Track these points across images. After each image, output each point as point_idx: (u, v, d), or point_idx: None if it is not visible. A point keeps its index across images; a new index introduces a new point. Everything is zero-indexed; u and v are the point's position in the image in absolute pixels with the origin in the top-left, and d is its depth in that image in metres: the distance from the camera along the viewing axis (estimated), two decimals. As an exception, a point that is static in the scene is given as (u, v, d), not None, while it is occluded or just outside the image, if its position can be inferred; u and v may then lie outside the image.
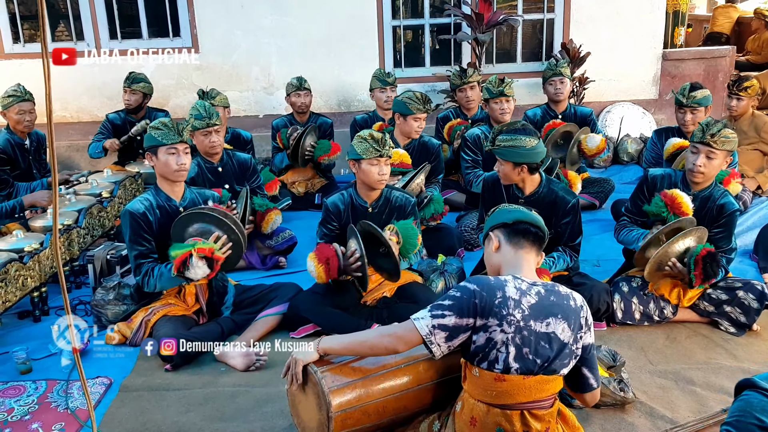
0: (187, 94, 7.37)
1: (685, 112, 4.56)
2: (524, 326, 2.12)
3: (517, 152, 3.47)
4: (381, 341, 2.25)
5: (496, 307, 2.12)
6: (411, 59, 7.70)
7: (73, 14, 7.24)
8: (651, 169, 3.88)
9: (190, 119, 4.35)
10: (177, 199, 3.61)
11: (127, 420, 2.91)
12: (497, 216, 2.44)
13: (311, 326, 3.59)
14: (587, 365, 2.28)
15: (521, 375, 2.14)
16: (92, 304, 3.82)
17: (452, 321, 2.14)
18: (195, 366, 3.31)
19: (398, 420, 2.42)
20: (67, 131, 7.17)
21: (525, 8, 7.52)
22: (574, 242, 3.73)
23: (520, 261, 2.31)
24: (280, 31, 7.27)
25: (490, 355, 2.13)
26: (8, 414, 2.97)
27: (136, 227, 3.46)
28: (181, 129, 3.53)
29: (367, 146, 3.60)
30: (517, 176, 3.58)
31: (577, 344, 2.21)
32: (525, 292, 2.17)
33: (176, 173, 3.54)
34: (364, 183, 3.73)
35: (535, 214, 2.44)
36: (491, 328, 2.12)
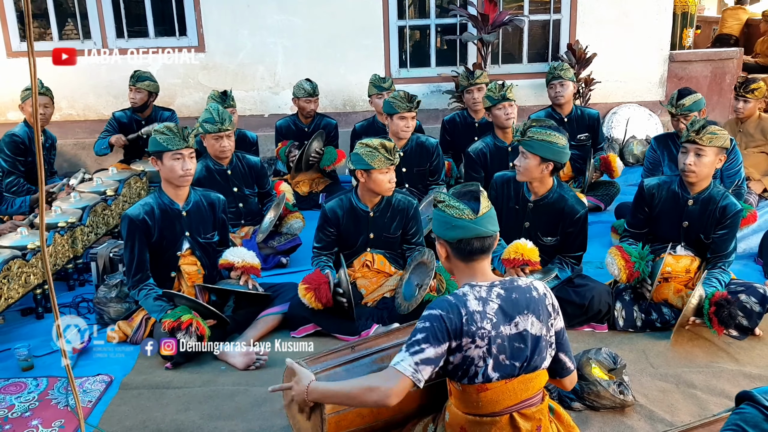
0: (193, 93, 7.40)
1: (678, 120, 4.54)
2: (496, 335, 2.08)
3: (548, 147, 3.45)
4: (370, 396, 2.10)
5: (465, 325, 2.06)
6: (416, 59, 7.69)
7: (81, 13, 7.27)
8: (646, 180, 3.82)
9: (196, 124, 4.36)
10: (180, 202, 3.62)
11: (127, 417, 2.92)
12: (441, 227, 2.20)
13: (311, 326, 3.59)
14: (562, 350, 2.24)
15: (503, 380, 2.11)
16: (95, 302, 3.84)
17: (432, 352, 2.06)
18: (195, 364, 3.32)
19: (392, 422, 2.41)
20: (73, 129, 7.20)
21: (531, 9, 7.50)
22: (576, 254, 3.72)
23: (473, 271, 2.19)
24: (286, 31, 7.28)
25: (470, 371, 2.09)
26: (9, 411, 2.98)
27: (133, 233, 3.48)
28: (186, 134, 3.52)
29: (378, 156, 3.55)
30: (539, 173, 3.54)
31: (550, 332, 2.18)
32: (486, 299, 2.10)
33: (181, 178, 3.54)
34: (371, 190, 3.70)
35: (480, 222, 2.16)
36: (465, 347, 2.07)
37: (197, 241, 3.69)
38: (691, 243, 3.68)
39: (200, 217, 3.70)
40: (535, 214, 3.70)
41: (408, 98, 4.84)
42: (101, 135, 5.87)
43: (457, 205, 2.18)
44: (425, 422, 2.38)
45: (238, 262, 3.63)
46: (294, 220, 4.71)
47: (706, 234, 3.59)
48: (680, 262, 3.66)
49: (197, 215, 3.68)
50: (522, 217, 3.73)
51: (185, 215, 3.62)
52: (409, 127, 4.89)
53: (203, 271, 3.72)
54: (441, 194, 2.25)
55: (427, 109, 7.46)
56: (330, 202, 3.85)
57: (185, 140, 3.50)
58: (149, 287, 3.51)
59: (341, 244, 3.87)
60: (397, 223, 3.83)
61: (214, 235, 3.78)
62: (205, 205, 3.73)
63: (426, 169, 5.09)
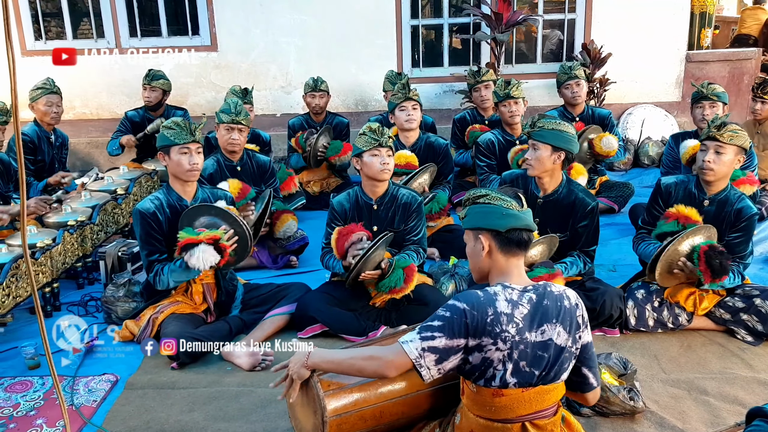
0: (206, 92, 7.41)
1: (704, 106, 4.47)
2: (520, 340, 2.03)
3: (559, 135, 3.44)
4: (369, 365, 2.13)
5: (489, 326, 2.01)
6: (429, 59, 7.65)
7: (95, 12, 7.31)
8: (663, 177, 3.78)
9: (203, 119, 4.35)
10: (188, 198, 3.61)
11: (131, 417, 2.91)
12: (487, 217, 2.19)
13: (318, 326, 3.56)
14: (587, 365, 2.19)
15: (520, 388, 2.06)
16: (103, 301, 3.83)
17: (443, 343, 2.02)
18: (201, 365, 3.31)
19: (396, 426, 2.38)
20: (86, 128, 7.24)
21: (546, 8, 7.44)
22: (589, 248, 3.66)
23: (510, 268, 2.18)
24: (299, 30, 7.27)
25: (487, 373, 2.05)
26: (14, 409, 2.98)
27: (146, 227, 3.48)
28: (193, 129, 3.53)
29: (366, 138, 3.62)
30: (551, 164, 3.51)
31: (576, 345, 2.13)
32: (516, 303, 2.06)
33: (188, 173, 3.54)
34: (368, 177, 3.70)
35: (527, 213, 2.22)
36: (486, 348, 2.02)
37: None
38: None
39: None
40: (544, 211, 3.65)
41: (403, 86, 4.81)
42: (113, 135, 5.90)
43: (505, 197, 2.20)
44: (431, 426, 2.34)
45: None
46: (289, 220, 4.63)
47: (720, 236, 3.52)
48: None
49: None
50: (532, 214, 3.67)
51: None
52: (411, 116, 4.82)
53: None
54: (479, 190, 2.25)
55: (440, 109, 7.42)
56: (338, 196, 3.85)
57: (192, 134, 3.51)
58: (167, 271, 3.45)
59: None
60: (399, 217, 3.80)
61: None
62: (213, 203, 3.71)
63: None
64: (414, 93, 4.87)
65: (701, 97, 4.51)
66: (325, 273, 4.05)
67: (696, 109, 4.56)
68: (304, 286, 3.83)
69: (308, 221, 5.21)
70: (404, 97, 4.79)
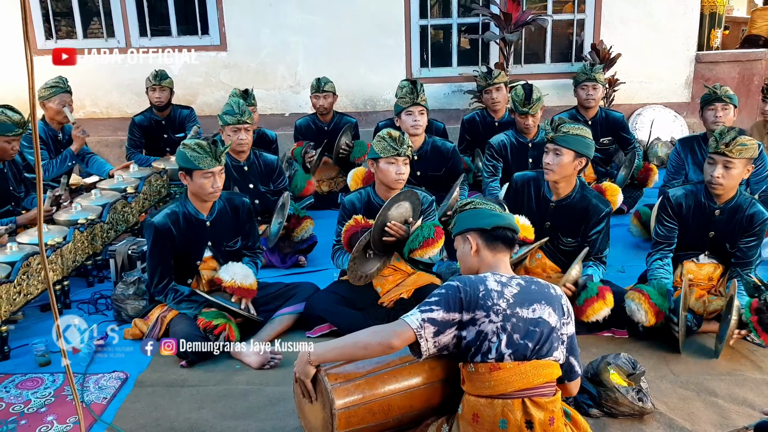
0: (215, 92, 7.44)
1: (716, 108, 4.44)
2: (511, 314, 2.19)
3: (582, 141, 3.43)
4: (375, 338, 2.22)
5: (481, 300, 2.18)
6: (438, 59, 7.65)
7: (105, 11, 7.34)
8: (671, 189, 3.70)
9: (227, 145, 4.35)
10: (205, 213, 3.61)
11: (141, 415, 2.93)
12: (473, 219, 2.42)
13: (327, 326, 3.57)
14: (573, 354, 2.34)
15: (516, 361, 2.18)
16: (113, 299, 3.86)
17: (440, 315, 2.18)
18: (210, 363, 3.32)
19: (405, 419, 2.38)
20: (96, 127, 7.26)
21: (555, 8, 7.43)
22: (602, 254, 3.64)
23: (497, 262, 2.38)
24: (307, 30, 7.28)
25: (483, 346, 2.18)
26: (25, 406, 3.01)
27: (158, 242, 3.49)
28: (219, 153, 3.45)
29: (384, 145, 3.59)
30: (571, 170, 3.49)
31: (563, 330, 2.28)
32: (506, 284, 2.25)
33: (210, 195, 3.53)
34: (382, 182, 3.70)
35: (510, 215, 2.48)
36: (479, 321, 2.17)
37: (220, 249, 3.70)
38: (715, 251, 3.60)
39: (224, 226, 3.69)
40: (556, 215, 3.64)
41: (410, 89, 4.65)
42: (129, 144, 6.00)
43: (489, 203, 2.46)
44: (439, 423, 2.35)
45: (226, 281, 3.53)
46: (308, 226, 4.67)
47: (732, 243, 3.51)
48: (703, 269, 3.60)
49: (221, 225, 3.67)
50: (543, 218, 3.66)
51: (209, 225, 3.62)
52: (418, 121, 4.68)
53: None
54: (463, 200, 2.51)
55: (448, 109, 7.42)
56: (349, 195, 3.85)
57: (217, 160, 3.44)
58: (175, 291, 3.53)
59: None
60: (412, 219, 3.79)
61: (237, 242, 3.78)
62: (229, 212, 3.72)
63: (441, 174, 4.93)
64: (422, 98, 4.73)
65: (713, 99, 4.47)
66: (334, 272, 4.06)
67: (707, 111, 4.53)
68: (313, 285, 3.84)
69: (317, 220, 5.19)
70: (412, 102, 4.65)
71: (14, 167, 4.53)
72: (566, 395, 2.41)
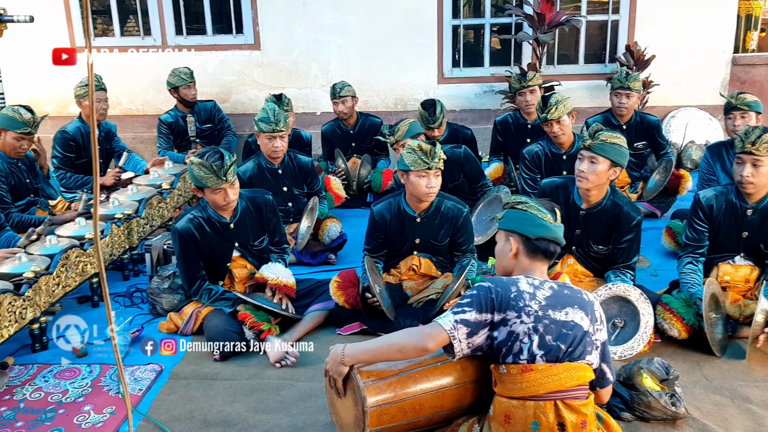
0: (248, 90, 7.51)
1: (735, 117, 4.39)
2: (543, 315, 2.19)
3: (619, 150, 3.41)
4: (409, 340, 2.25)
5: (513, 300, 2.19)
6: (470, 59, 7.64)
7: (142, 10, 7.46)
8: (701, 191, 3.65)
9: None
10: (228, 216, 3.66)
11: (175, 407, 2.98)
12: (521, 222, 2.38)
13: (357, 324, 3.59)
14: (605, 360, 2.33)
15: (548, 363, 2.18)
16: (148, 293, 3.93)
17: (473, 316, 2.19)
18: (243, 357, 3.37)
19: (435, 419, 2.39)
20: (132, 124, 7.39)
21: (589, 9, 7.37)
22: (631, 261, 3.60)
23: (533, 268, 2.37)
24: (340, 30, 7.32)
25: (514, 347, 2.18)
26: (63, 395, 3.08)
27: (184, 246, 3.56)
28: (224, 172, 3.42)
29: (415, 158, 3.53)
30: (606, 178, 3.46)
31: (596, 335, 2.27)
32: (538, 287, 2.25)
33: (224, 207, 3.58)
34: (412, 194, 3.68)
35: (559, 228, 2.41)
36: (510, 321, 2.18)
37: (247, 249, 3.76)
38: (750, 253, 3.56)
39: (248, 225, 3.75)
40: (587, 222, 3.61)
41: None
42: (159, 143, 6.17)
43: (541, 208, 2.40)
44: (470, 423, 2.36)
45: (271, 278, 3.63)
46: (331, 224, 4.70)
47: (766, 243, 3.46)
48: (739, 271, 3.55)
49: (245, 225, 3.73)
50: (572, 225, 3.62)
51: (233, 228, 3.67)
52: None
53: (254, 270, 3.78)
54: (520, 197, 2.46)
55: (479, 110, 7.41)
56: (379, 204, 3.84)
57: (223, 178, 3.43)
58: (209, 290, 3.60)
59: (387, 247, 3.86)
60: (444, 230, 3.79)
61: (264, 240, 3.82)
62: (252, 212, 3.77)
63: (461, 182, 4.86)
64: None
65: (731, 108, 4.43)
66: (363, 271, 4.09)
67: (727, 120, 4.50)
68: (344, 283, 3.86)
69: (347, 219, 5.25)
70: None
71: (27, 161, 4.68)
72: (597, 402, 2.39)
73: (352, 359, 2.32)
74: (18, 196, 4.54)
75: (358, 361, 2.33)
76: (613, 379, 2.39)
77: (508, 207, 2.46)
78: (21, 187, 4.58)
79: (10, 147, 4.44)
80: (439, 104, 5.05)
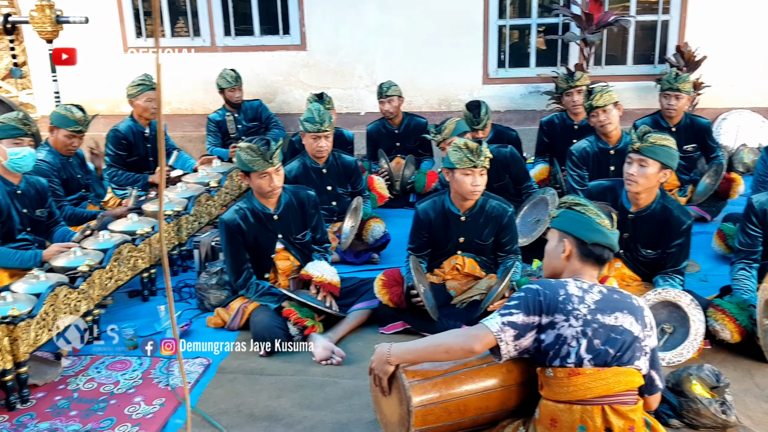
0: (294, 90, 7.60)
1: None
2: (592, 319, 2.16)
3: (668, 152, 3.35)
4: (456, 342, 2.24)
5: (561, 304, 2.17)
6: (515, 59, 7.58)
7: (192, 11, 7.61)
8: (755, 196, 3.56)
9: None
10: (272, 207, 3.73)
11: (222, 400, 3.04)
12: (577, 225, 2.35)
13: (400, 324, 3.61)
14: (654, 367, 2.29)
15: (596, 367, 2.15)
16: (196, 288, 4.01)
17: (520, 319, 2.18)
18: (287, 353, 3.41)
19: (480, 420, 2.39)
20: (181, 123, 7.54)
21: (638, 9, 7.24)
22: (680, 266, 3.53)
23: (583, 272, 2.34)
24: (386, 30, 7.35)
25: (561, 350, 2.16)
26: (114, 386, 3.17)
27: (231, 237, 3.63)
28: (270, 155, 3.52)
29: (461, 156, 3.55)
30: (656, 181, 3.40)
31: (645, 341, 2.23)
32: (587, 290, 2.22)
33: (268, 193, 3.65)
34: (457, 192, 3.69)
35: (615, 234, 2.37)
36: (558, 324, 2.17)
37: (290, 241, 3.81)
38: None
39: (292, 218, 3.80)
40: (635, 226, 3.55)
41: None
42: (208, 140, 6.33)
43: (599, 212, 2.36)
44: (515, 425, 2.36)
45: (316, 276, 3.69)
46: (375, 225, 4.72)
47: None
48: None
49: (288, 217, 3.79)
50: (620, 229, 3.55)
51: (277, 219, 3.73)
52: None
53: (297, 264, 3.83)
54: (579, 198, 2.43)
55: (524, 110, 7.35)
56: (423, 203, 3.85)
57: (269, 161, 3.53)
58: (256, 284, 3.66)
59: (432, 246, 3.87)
60: (489, 230, 3.78)
61: (306, 234, 3.87)
62: (295, 205, 3.82)
63: (506, 182, 4.85)
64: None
65: None
66: (406, 270, 4.10)
67: None
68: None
69: (390, 219, 5.27)
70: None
71: (78, 158, 4.89)
72: (646, 409, 2.36)
73: (397, 358, 2.33)
74: (70, 190, 4.73)
75: (404, 361, 2.34)
76: (662, 386, 2.35)
77: (564, 206, 2.41)
78: (72, 181, 4.76)
79: (62, 144, 4.64)
80: (483, 105, 5.05)
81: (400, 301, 3.57)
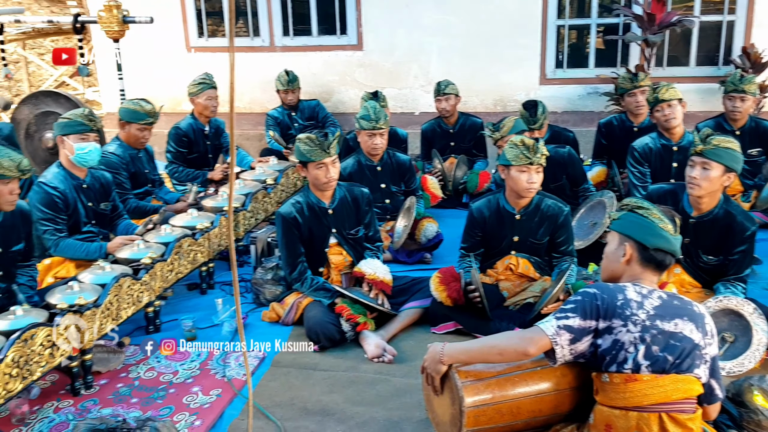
0: (350, 90, 7.67)
1: None
2: (650, 325, 2.13)
3: (732, 155, 3.27)
4: (510, 344, 2.23)
5: (619, 309, 2.14)
6: (573, 60, 7.48)
7: (252, 11, 7.76)
8: None
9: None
10: (327, 201, 3.80)
11: (277, 393, 3.10)
12: (639, 229, 2.31)
13: (452, 324, 3.60)
14: (714, 376, 2.24)
15: (653, 373, 2.11)
16: (252, 282, 4.10)
17: (576, 322, 2.15)
18: (340, 349, 3.46)
19: (533, 423, 2.38)
20: (239, 121, 7.70)
21: (702, 9, 7.05)
22: (742, 274, 3.43)
23: (643, 277, 2.30)
24: (442, 30, 7.35)
25: (618, 356, 2.13)
26: (173, 376, 3.27)
27: (287, 230, 3.72)
28: (328, 145, 3.64)
29: (517, 152, 3.54)
30: (719, 185, 3.32)
31: (706, 349, 2.19)
32: (646, 296, 2.18)
33: (325, 185, 3.72)
34: (512, 190, 3.67)
35: (677, 240, 2.32)
36: (616, 329, 2.13)
37: (343, 236, 3.86)
38: None
39: (345, 213, 3.86)
40: (696, 231, 3.46)
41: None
42: (267, 132, 6.44)
43: (663, 217, 2.32)
44: (569, 429, 2.34)
45: (369, 273, 3.72)
46: (428, 224, 4.73)
47: None
48: None
49: (342, 212, 3.85)
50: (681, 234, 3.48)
51: (331, 213, 3.80)
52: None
53: (350, 259, 3.89)
54: (642, 201, 2.38)
55: (581, 111, 7.25)
56: (478, 201, 3.85)
57: (326, 152, 3.63)
58: (310, 279, 3.73)
59: (485, 245, 3.86)
60: (544, 229, 3.75)
61: (359, 230, 3.92)
62: (350, 201, 3.88)
63: (563, 183, 4.80)
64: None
65: None
66: (459, 271, 4.09)
67: None
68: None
69: (443, 219, 5.25)
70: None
71: (147, 153, 5.04)
72: (705, 419, 2.31)
73: (450, 358, 2.33)
74: (137, 183, 4.88)
75: (457, 361, 2.34)
76: (722, 396, 2.30)
77: (627, 209, 2.37)
78: (140, 175, 4.92)
79: (134, 138, 4.80)
80: (540, 105, 5.01)
81: (458, 297, 3.56)
